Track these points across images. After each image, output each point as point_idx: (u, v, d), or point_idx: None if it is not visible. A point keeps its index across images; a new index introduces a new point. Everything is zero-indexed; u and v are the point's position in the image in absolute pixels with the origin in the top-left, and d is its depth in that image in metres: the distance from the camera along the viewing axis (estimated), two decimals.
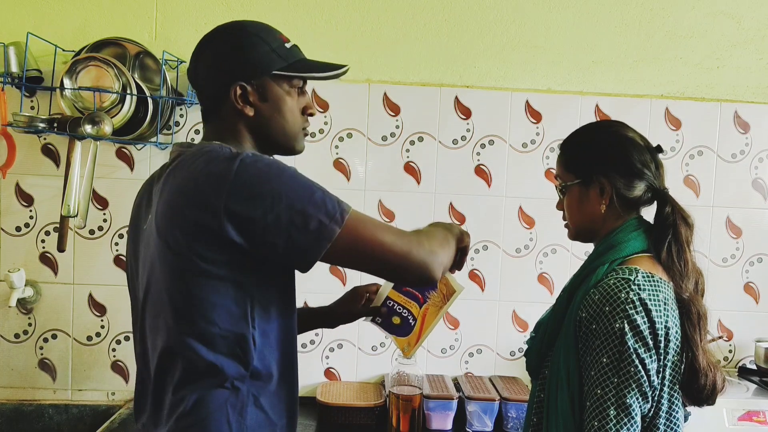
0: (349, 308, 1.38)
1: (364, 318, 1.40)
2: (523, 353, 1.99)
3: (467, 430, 1.79)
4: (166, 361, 1.01)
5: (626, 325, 1.02)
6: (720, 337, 2.04)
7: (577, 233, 1.23)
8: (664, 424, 1.08)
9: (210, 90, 1.09)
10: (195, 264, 0.96)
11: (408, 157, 1.98)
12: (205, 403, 0.99)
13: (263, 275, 1.01)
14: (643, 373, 1.02)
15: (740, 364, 2.05)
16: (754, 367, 2.00)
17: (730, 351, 2.07)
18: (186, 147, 1.06)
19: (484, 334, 2.02)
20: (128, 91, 1.73)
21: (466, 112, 1.98)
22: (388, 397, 1.77)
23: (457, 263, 1.20)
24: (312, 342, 1.99)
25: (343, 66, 1.14)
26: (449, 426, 1.78)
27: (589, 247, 1.22)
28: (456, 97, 1.98)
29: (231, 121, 1.08)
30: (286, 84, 1.09)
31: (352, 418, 1.79)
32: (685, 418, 1.14)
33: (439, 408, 1.77)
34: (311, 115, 1.15)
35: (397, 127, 1.97)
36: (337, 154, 1.97)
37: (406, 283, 1.07)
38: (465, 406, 1.79)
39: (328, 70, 1.12)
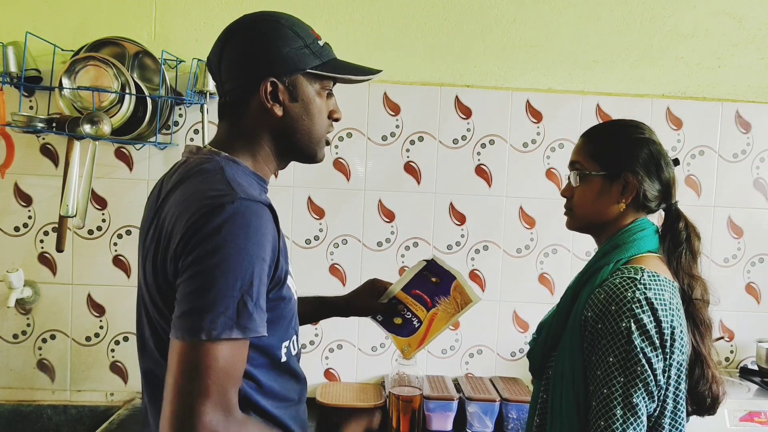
0: (366, 302, 1.33)
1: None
2: (524, 354, 1.99)
3: (468, 431, 1.78)
4: (153, 379, 0.96)
5: (633, 325, 1.01)
6: (721, 338, 2.03)
7: (581, 224, 1.22)
8: (669, 423, 1.08)
9: (235, 84, 0.99)
10: (156, 295, 0.92)
11: (408, 156, 1.97)
12: None
13: None
14: (649, 372, 1.02)
15: (741, 365, 2.05)
16: (755, 367, 2.00)
17: (732, 351, 2.06)
18: (193, 153, 1.01)
19: (485, 334, 2.01)
20: (127, 91, 1.73)
21: (466, 112, 1.97)
22: (388, 398, 1.77)
23: None
24: (312, 343, 1.98)
25: (378, 70, 1.07)
26: (450, 427, 1.77)
27: (591, 247, 1.21)
28: (456, 97, 1.97)
29: (253, 122, 1.00)
30: (317, 84, 1.02)
31: (351, 419, 1.78)
32: (687, 419, 1.14)
33: (440, 409, 1.76)
34: (337, 120, 1.07)
35: (397, 126, 1.97)
36: (336, 154, 1.96)
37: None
38: (465, 406, 1.78)
39: (363, 72, 1.05)
